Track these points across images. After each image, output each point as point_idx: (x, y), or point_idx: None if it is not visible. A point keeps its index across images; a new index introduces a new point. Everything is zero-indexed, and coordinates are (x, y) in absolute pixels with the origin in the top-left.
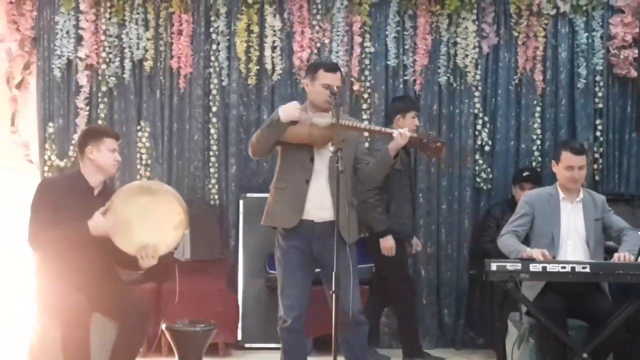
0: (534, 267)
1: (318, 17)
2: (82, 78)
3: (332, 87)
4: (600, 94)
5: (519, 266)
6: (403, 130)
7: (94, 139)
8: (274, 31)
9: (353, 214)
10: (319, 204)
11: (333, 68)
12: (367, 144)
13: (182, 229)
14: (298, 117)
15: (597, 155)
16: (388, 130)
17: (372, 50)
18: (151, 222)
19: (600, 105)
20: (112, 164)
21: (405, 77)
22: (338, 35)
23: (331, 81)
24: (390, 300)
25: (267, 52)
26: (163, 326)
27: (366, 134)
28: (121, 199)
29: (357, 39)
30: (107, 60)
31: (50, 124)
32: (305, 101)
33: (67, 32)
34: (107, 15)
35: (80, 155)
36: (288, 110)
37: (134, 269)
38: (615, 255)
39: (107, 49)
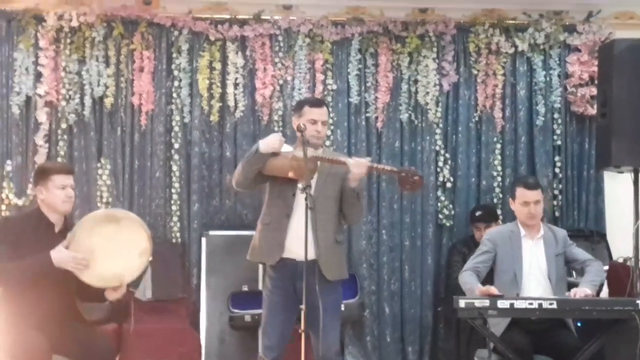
0: (502, 304)
1: (280, 54)
2: (42, 115)
3: (318, 123)
4: (558, 132)
5: (487, 303)
6: (358, 159)
7: (42, 178)
8: (236, 68)
9: (338, 250)
10: (299, 242)
11: (318, 103)
12: None
13: (147, 256)
14: (278, 149)
15: (556, 192)
16: (343, 159)
17: (335, 87)
18: (115, 251)
19: (559, 143)
20: (62, 202)
21: (368, 114)
22: (300, 73)
23: (317, 116)
24: None
25: (230, 89)
26: None
27: None
28: (85, 229)
29: (320, 77)
30: (67, 97)
31: (8, 161)
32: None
33: (27, 69)
34: (67, 52)
35: (35, 195)
36: (268, 142)
37: (99, 301)
38: (572, 290)
39: (67, 85)
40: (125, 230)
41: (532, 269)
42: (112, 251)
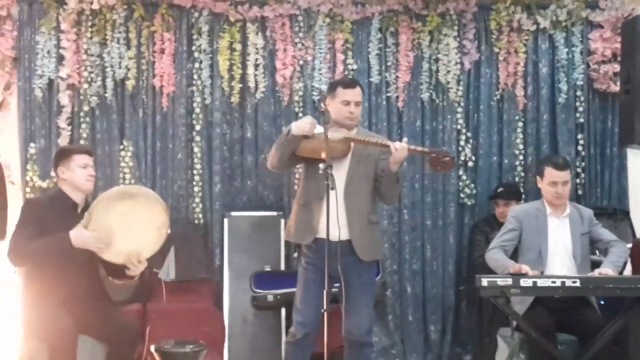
0: (525, 282)
1: (300, 34)
2: (64, 98)
3: (351, 103)
4: (581, 109)
5: (509, 281)
6: (400, 143)
7: (63, 158)
8: (257, 49)
9: (372, 231)
10: (333, 222)
11: (351, 84)
12: None
13: (165, 228)
14: (310, 132)
15: (579, 170)
16: (386, 142)
17: (355, 67)
18: (133, 227)
19: (582, 120)
20: (86, 180)
21: (388, 94)
22: (321, 53)
23: (350, 97)
24: None
25: (250, 70)
26: (152, 347)
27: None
28: (101, 207)
29: (340, 57)
30: (89, 79)
31: (32, 144)
32: (294, 119)
33: (48, 52)
34: (89, 35)
35: (57, 176)
36: (300, 124)
37: (128, 277)
38: (596, 270)
39: (88, 68)
40: (141, 206)
41: (557, 248)
42: (130, 227)
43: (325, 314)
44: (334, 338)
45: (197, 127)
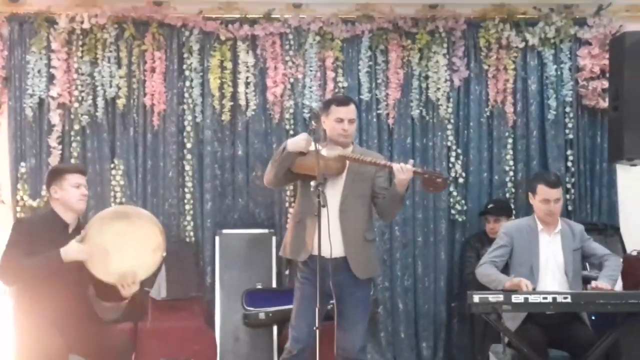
0: (516, 299)
1: (291, 52)
2: (55, 117)
3: (344, 121)
4: (570, 125)
5: (501, 298)
6: (404, 165)
7: (56, 178)
8: (247, 67)
9: (368, 249)
10: (329, 239)
11: (345, 102)
12: None
13: (161, 251)
14: (305, 148)
15: (569, 186)
16: (389, 163)
17: (345, 84)
18: (128, 247)
19: (571, 136)
20: (78, 200)
21: (379, 111)
22: (311, 71)
23: (344, 115)
24: None
25: (241, 88)
26: None
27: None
28: (96, 226)
29: (330, 74)
30: (80, 98)
31: (22, 163)
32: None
33: (39, 71)
34: (79, 54)
35: (49, 196)
36: (295, 142)
37: (117, 300)
38: (593, 283)
39: (79, 87)
40: (137, 227)
41: (549, 264)
42: (125, 248)
43: (317, 331)
44: (328, 355)
45: (188, 145)
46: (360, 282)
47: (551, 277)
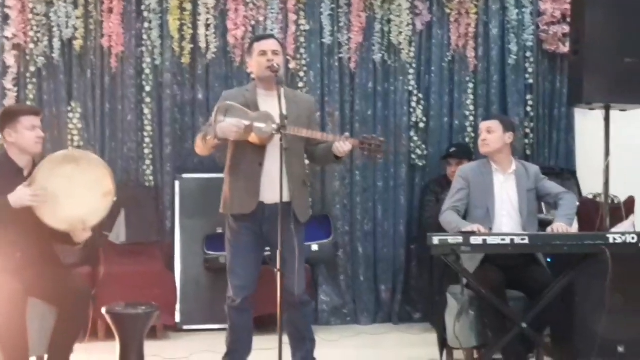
0: (475, 240)
1: None
2: (10, 58)
3: (267, 52)
4: (530, 70)
5: (460, 239)
6: (345, 142)
7: (10, 120)
8: (208, 9)
9: (306, 193)
10: (273, 186)
11: (264, 37)
12: None
13: (111, 195)
14: (235, 138)
15: (527, 131)
16: (330, 137)
17: (307, 28)
18: (78, 192)
19: (531, 81)
20: (34, 142)
21: (341, 55)
22: (272, 13)
23: (265, 47)
24: None
25: (201, 30)
26: (103, 310)
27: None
28: (45, 170)
29: (292, 17)
30: (35, 39)
31: None
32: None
33: None
34: None
35: (3, 139)
36: (226, 131)
37: (71, 244)
38: (551, 226)
39: (35, 28)
40: (86, 171)
41: (504, 204)
42: (74, 193)
43: (279, 273)
44: (271, 298)
45: (147, 89)
46: (299, 225)
47: (507, 217)
